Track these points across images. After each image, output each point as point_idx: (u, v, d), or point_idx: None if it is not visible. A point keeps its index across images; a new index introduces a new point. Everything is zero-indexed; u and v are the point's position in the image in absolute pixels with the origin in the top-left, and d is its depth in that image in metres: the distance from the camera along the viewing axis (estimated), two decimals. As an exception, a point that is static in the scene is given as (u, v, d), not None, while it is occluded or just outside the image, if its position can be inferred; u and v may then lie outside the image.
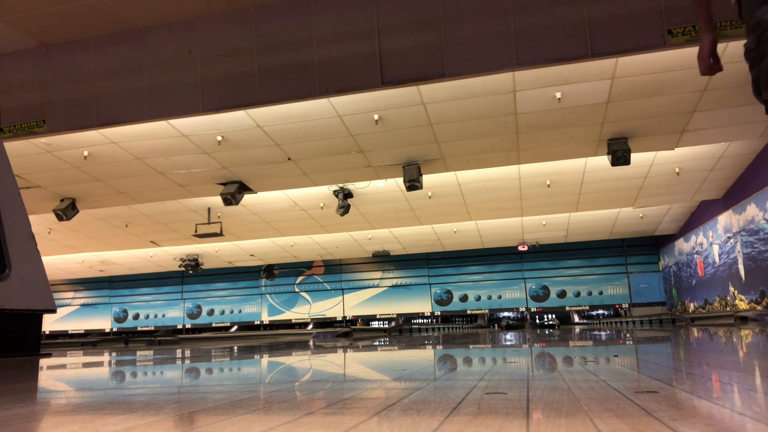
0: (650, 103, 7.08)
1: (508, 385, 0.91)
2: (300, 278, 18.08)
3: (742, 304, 10.92)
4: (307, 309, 17.95)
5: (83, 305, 19.40)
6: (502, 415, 0.65)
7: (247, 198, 9.97)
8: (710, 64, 2.34)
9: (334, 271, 17.89)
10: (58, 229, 11.73)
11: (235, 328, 18.09)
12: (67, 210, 9.57)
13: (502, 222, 13.52)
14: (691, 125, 7.69)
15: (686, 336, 2.98)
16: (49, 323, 18.89)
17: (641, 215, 13.45)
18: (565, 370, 1.20)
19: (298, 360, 2.13)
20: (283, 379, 1.37)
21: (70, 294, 19.32)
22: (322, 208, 11.30)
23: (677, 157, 9.16)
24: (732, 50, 5.87)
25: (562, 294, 16.65)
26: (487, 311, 16.93)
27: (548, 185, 10.35)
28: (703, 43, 2.33)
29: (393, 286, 17.54)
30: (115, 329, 19.20)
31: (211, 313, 18.64)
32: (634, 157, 8.20)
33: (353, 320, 17.55)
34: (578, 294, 16.57)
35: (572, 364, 1.42)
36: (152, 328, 18.82)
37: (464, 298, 17.08)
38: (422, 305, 17.28)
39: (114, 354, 3.73)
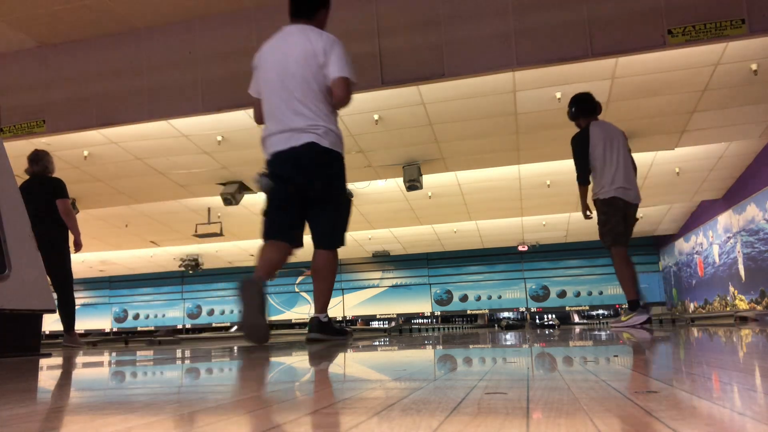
0: (650, 103, 7.08)
1: (508, 385, 0.91)
2: (300, 278, 18.07)
3: (742, 304, 10.93)
4: (307, 309, 17.94)
5: (83, 305, 19.38)
6: (502, 415, 0.65)
7: (247, 198, 9.97)
8: (586, 217, 5.15)
9: (334, 271, 17.85)
10: (58, 229, 11.70)
11: (235, 328, 18.07)
12: (67, 210, 9.54)
13: (502, 222, 13.52)
14: (691, 125, 7.69)
15: (686, 336, 2.98)
16: (49, 323, 18.85)
17: (641, 215, 13.42)
18: (565, 370, 1.20)
19: (298, 360, 2.13)
20: (283, 379, 1.37)
21: (70, 294, 19.28)
22: (322, 208, 11.28)
23: (677, 157, 9.15)
24: (732, 50, 5.88)
25: (562, 294, 16.65)
26: (487, 311, 16.92)
27: (548, 185, 10.35)
28: (582, 208, 5.19)
29: (393, 286, 17.54)
30: (115, 329, 19.20)
31: (211, 313, 18.64)
32: (634, 156, 8.18)
33: (353, 320, 17.54)
34: (578, 294, 16.57)
35: (572, 364, 1.42)
36: (152, 328, 18.81)
37: (464, 298, 17.08)
38: (422, 305, 17.28)
39: (114, 354, 3.73)
